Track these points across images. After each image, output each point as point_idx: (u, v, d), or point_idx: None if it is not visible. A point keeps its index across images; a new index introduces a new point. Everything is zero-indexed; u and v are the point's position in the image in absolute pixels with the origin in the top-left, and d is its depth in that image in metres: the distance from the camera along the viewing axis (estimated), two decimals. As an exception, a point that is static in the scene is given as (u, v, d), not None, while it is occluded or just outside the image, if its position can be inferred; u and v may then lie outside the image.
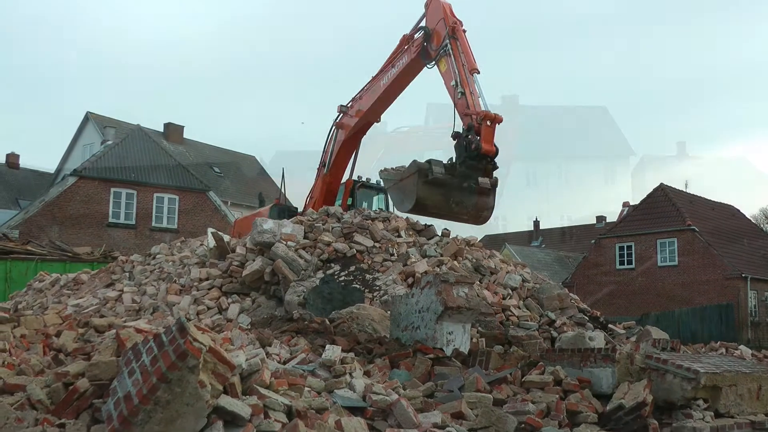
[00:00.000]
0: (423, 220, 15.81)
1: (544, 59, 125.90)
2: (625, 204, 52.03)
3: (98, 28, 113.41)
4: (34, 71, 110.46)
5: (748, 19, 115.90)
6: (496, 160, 10.76)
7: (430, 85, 13.55)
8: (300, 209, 17.61)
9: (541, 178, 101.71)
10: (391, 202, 15.88)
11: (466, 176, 10.53)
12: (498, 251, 19.25)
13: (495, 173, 10.74)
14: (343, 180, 18.19)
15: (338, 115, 16.56)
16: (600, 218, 64.27)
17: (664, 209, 40.18)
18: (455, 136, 11.01)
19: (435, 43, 12.64)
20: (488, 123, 10.58)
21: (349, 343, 8.60)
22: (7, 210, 36.83)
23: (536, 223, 69.63)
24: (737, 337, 30.54)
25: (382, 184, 18.13)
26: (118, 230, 32.43)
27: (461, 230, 15.26)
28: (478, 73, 11.44)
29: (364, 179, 19.14)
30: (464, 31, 12.06)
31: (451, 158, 10.83)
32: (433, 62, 12.55)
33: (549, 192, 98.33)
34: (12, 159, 47.15)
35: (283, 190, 20.22)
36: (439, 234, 15.32)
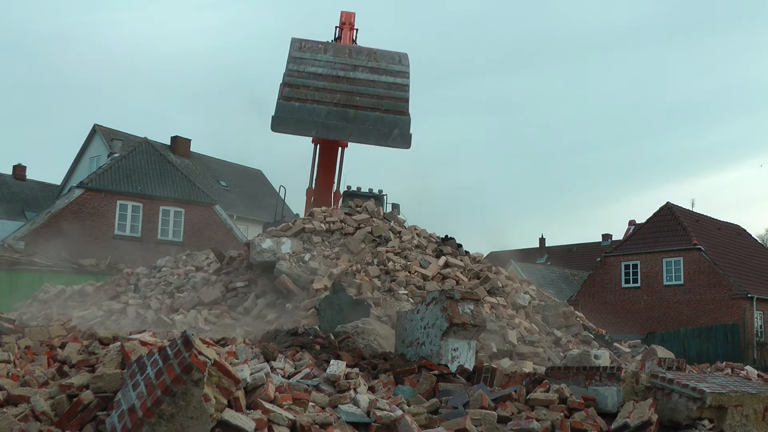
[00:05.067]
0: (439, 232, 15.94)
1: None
2: (631, 222, 51.95)
3: (105, 42, 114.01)
4: (42, 83, 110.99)
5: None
6: None
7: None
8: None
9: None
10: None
11: None
12: (503, 268, 19.26)
13: None
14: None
15: None
16: (606, 236, 64.10)
17: (671, 228, 40.03)
18: None
19: None
20: None
21: (353, 359, 8.58)
22: (14, 221, 36.85)
23: (542, 240, 69.43)
24: (743, 358, 30.39)
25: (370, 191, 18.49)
26: (123, 242, 32.40)
27: (469, 246, 15.26)
28: None
29: (354, 188, 19.37)
30: None
31: None
32: None
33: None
34: (19, 171, 47.33)
35: (282, 208, 20.34)
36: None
